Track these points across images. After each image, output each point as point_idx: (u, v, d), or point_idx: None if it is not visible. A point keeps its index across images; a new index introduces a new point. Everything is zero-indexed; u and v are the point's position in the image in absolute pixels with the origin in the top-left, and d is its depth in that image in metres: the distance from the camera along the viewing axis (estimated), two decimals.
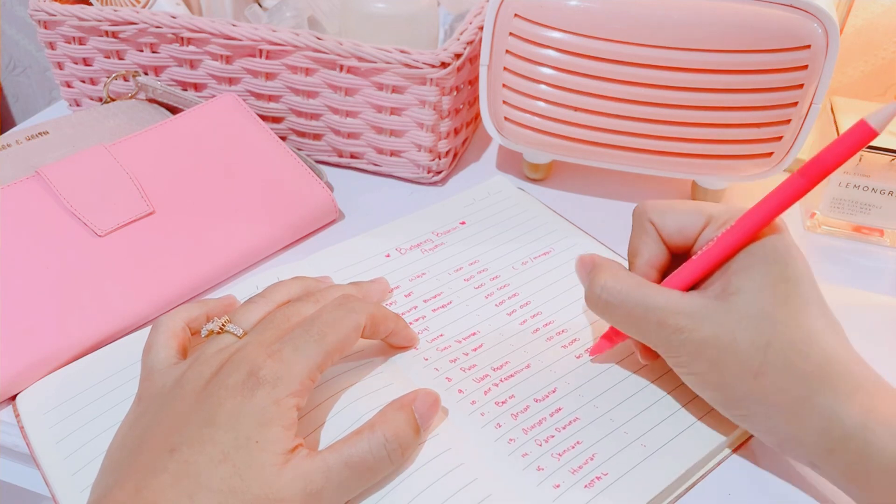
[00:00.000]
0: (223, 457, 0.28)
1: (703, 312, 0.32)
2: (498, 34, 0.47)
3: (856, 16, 0.56)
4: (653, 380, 0.37)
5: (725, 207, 0.35)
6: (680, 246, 0.35)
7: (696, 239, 0.35)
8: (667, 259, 0.36)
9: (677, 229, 0.35)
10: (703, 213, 0.35)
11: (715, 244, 0.33)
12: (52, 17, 0.53)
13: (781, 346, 0.30)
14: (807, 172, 0.30)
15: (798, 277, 0.31)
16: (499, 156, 0.58)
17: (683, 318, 0.32)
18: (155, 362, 0.33)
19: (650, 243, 0.36)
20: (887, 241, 0.50)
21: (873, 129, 0.28)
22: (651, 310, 0.33)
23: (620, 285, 0.34)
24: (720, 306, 0.31)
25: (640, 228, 0.36)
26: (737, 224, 0.32)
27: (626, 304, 0.33)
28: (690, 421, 0.35)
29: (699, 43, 0.43)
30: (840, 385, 0.29)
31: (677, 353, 0.33)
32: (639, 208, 0.37)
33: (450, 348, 0.39)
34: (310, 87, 0.51)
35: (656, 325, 0.33)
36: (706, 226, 0.34)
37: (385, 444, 0.31)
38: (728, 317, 0.31)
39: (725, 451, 0.35)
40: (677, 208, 0.35)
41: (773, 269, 0.31)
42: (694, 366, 0.32)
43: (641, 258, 0.36)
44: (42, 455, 0.34)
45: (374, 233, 0.47)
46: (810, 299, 0.31)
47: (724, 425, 0.35)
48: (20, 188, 0.43)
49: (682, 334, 0.32)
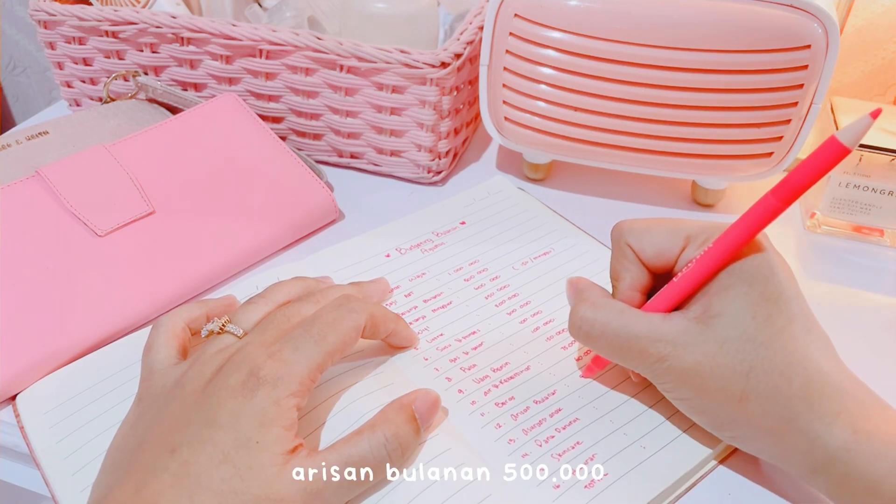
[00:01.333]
0: (223, 457, 0.28)
1: (684, 339, 0.31)
2: (498, 34, 0.47)
3: (856, 16, 0.56)
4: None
5: (703, 226, 0.34)
6: (660, 267, 0.35)
7: (677, 260, 0.34)
8: (649, 280, 0.35)
9: (656, 253, 0.34)
10: (680, 233, 0.34)
11: (695, 266, 0.32)
12: (52, 17, 0.53)
13: (764, 370, 0.30)
14: (778, 192, 0.30)
15: (780, 295, 0.31)
16: (499, 156, 0.58)
17: (665, 345, 0.32)
18: (155, 362, 0.33)
19: (630, 267, 0.35)
20: (887, 241, 0.50)
21: (844, 147, 0.27)
22: (632, 339, 0.32)
23: (600, 316, 0.33)
24: (702, 331, 0.31)
25: (619, 252, 0.35)
26: (714, 245, 0.31)
27: (607, 334, 0.33)
28: (689, 424, 0.35)
29: (699, 43, 0.43)
30: (824, 407, 0.29)
31: (663, 379, 0.33)
32: (615, 231, 0.36)
33: (449, 347, 0.39)
34: (310, 87, 0.51)
35: (639, 353, 0.32)
36: (685, 246, 0.34)
37: (385, 445, 0.31)
38: (709, 342, 0.31)
39: (725, 452, 0.35)
40: (653, 229, 0.34)
41: (754, 289, 0.31)
42: (679, 392, 0.32)
43: (623, 282, 0.35)
44: (42, 455, 0.34)
45: (374, 233, 0.47)
46: (794, 316, 0.31)
47: None
48: (20, 188, 0.43)
49: (664, 363, 0.32)
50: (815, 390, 0.29)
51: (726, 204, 0.53)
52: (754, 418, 0.30)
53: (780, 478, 0.34)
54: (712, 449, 0.34)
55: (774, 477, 0.34)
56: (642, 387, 0.37)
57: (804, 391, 0.29)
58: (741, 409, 0.30)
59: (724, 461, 0.35)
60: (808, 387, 0.29)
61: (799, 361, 0.30)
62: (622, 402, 0.36)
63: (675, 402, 0.34)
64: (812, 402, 0.29)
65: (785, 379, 0.30)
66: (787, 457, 0.31)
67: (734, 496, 0.34)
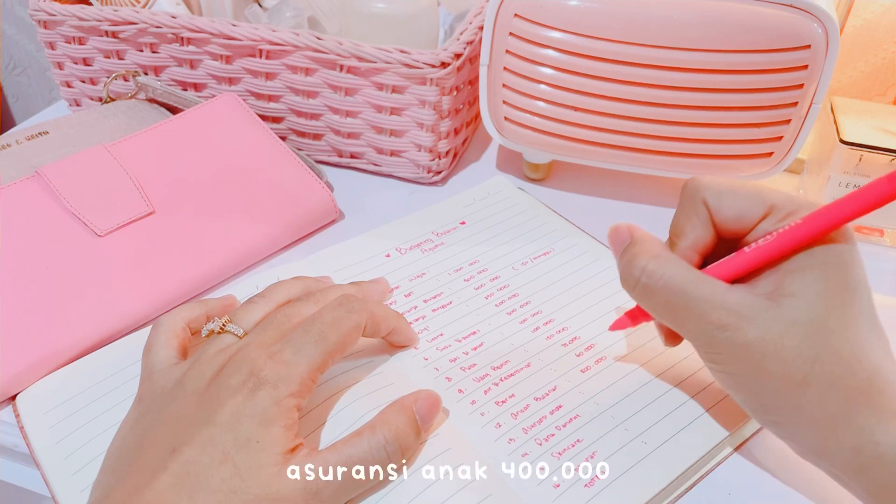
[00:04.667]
0: (224, 457, 0.28)
1: (750, 312, 0.30)
2: (498, 34, 0.47)
3: (856, 16, 0.56)
4: (654, 376, 0.37)
5: (789, 197, 0.31)
6: (733, 232, 0.32)
7: (753, 228, 0.32)
8: (713, 243, 0.33)
9: (734, 216, 0.32)
10: (764, 200, 0.31)
11: (776, 239, 0.30)
12: (52, 17, 0.53)
13: (830, 359, 0.29)
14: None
15: (857, 286, 0.30)
16: (499, 156, 0.58)
17: (729, 315, 0.30)
18: (155, 362, 0.33)
19: (699, 225, 0.32)
20: (887, 241, 0.50)
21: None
22: (694, 301, 0.30)
23: (663, 269, 0.31)
24: (770, 308, 0.29)
25: (691, 207, 0.33)
26: (804, 222, 0.30)
27: (667, 291, 0.31)
28: (691, 418, 0.35)
29: (699, 43, 0.43)
30: (882, 403, 0.28)
31: (717, 350, 0.31)
32: (692, 184, 0.33)
33: (449, 347, 0.39)
34: (310, 87, 0.51)
35: (698, 317, 0.30)
36: (766, 215, 0.31)
37: (385, 446, 0.31)
38: (778, 321, 0.29)
39: (727, 450, 0.35)
40: (737, 191, 0.32)
41: (834, 275, 0.29)
42: (732, 366, 0.31)
43: (686, 240, 0.33)
44: (42, 455, 0.34)
45: (374, 233, 0.47)
46: (865, 310, 0.30)
47: (726, 422, 0.35)
48: (20, 188, 0.43)
49: (725, 332, 0.30)
50: (876, 386, 0.29)
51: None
52: (810, 406, 0.29)
53: (780, 478, 0.34)
54: (714, 446, 0.34)
55: (774, 477, 0.34)
56: (644, 381, 0.36)
57: (866, 385, 0.29)
58: (798, 395, 0.29)
59: (726, 459, 0.35)
60: (870, 382, 0.29)
61: (865, 356, 0.29)
62: (623, 397, 0.36)
63: (719, 376, 0.32)
64: (871, 398, 0.29)
65: (850, 371, 0.29)
66: (830, 451, 0.29)
67: (734, 496, 0.34)
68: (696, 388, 0.37)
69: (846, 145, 0.47)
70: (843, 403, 0.29)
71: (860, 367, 0.29)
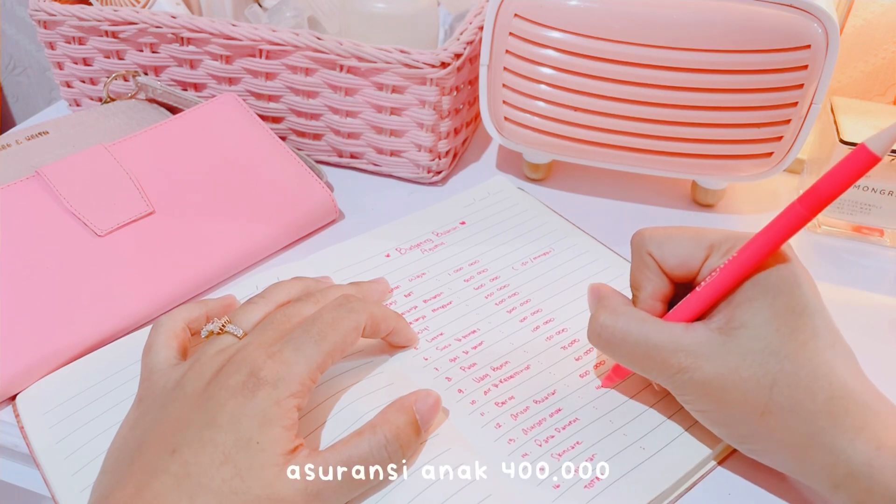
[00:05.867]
0: (224, 458, 0.28)
1: (706, 350, 0.31)
2: (498, 34, 0.47)
3: (856, 16, 0.56)
4: (650, 382, 0.37)
5: (726, 235, 0.33)
6: (682, 277, 0.34)
7: (700, 269, 0.33)
8: (670, 289, 0.34)
9: (679, 262, 0.33)
10: (703, 242, 0.33)
11: (718, 276, 0.31)
12: (52, 17, 0.53)
13: (787, 384, 0.29)
14: (805, 201, 0.29)
15: (804, 307, 0.30)
16: (499, 156, 0.58)
17: (687, 356, 0.31)
18: (155, 363, 0.33)
19: (651, 276, 0.34)
20: (887, 241, 0.50)
21: (874, 154, 0.27)
22: (654, 348, 0.32)
23: (620, 323, 0.33)
24: (724, 342, 0.30)
25: (640, 261, 0.34)
26: (738, 254, 0.31)
27: (627, 342, 0.33)
28: (690, 422, 0.35)
29: (699, 43, 0.43)
30: (847, 421, 0.29)
31: (682, 391, 0.32)
32: (636, 239, 0.35)
33: (449, 347, 0.39)
34: (310, 87, 0.51)
35: (659, 363, 0.32)
36: (708, 255, 0.33)
37: (386, 446, 0.31)
38: (732, 354, 0.30)
39: (725, 453, 0.35)
40: (676, 238, 0.34)
41: (779, 300, 0.30)
42: (700, 404, 0.32)
43: (644, 291, 0.34)
44: (42, 455, 0.34)
45: (374, 233, 0.47)
46: (818, 330, 0.30)
47: None
48: (20, 188, 0.43)
49: (685, 374, 0.31)
50: (838, 405, 0.29)
51: (726, 204, 0.53)
52: (776, 432, 0.30)
53: (780, 479, 0.34)
54: (712, 449, 0.34)
55: (774, 478, 0.34)
56: (661, 395, 0.36)
57: (828, 406, 0.29)
58: (763, 423, 0.30)
59: (724, 461, 0.35)
60: (832, 401, 0.29)
61: (823, 376, 0.29)
62: (622, 403, 0.36)
63: (696, 415, 0.33)
64: (836, 417, 0.29)
65: (809, 393, 0.29)
66: (808, 471, 0.30)
67: (734, 496, 0.34)
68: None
69: (846, 145, 0.47)
70: (808, 426, 0.29)
71: (819, 389, 0.29)
